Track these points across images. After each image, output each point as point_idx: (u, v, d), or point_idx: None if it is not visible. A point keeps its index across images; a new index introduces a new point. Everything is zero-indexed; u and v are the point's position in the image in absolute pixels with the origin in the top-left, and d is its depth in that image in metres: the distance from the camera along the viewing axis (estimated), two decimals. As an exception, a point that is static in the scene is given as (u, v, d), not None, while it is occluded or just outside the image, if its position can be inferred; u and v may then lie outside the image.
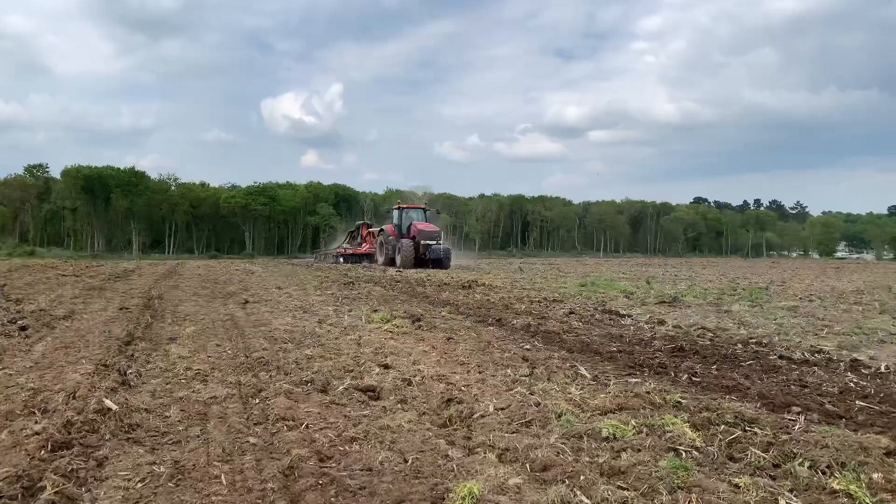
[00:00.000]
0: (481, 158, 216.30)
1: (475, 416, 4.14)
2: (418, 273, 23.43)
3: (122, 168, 78.65)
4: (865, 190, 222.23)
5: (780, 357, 6.72)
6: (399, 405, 4.45)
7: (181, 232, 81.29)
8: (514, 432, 3.79)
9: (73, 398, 4.14)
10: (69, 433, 3.47)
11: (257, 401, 4.43)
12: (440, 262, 27.79)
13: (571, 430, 3.80)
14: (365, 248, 33.72)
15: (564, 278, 21.25)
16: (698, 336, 8.39)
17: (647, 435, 3.71)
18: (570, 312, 10.47)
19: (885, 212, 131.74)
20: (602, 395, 4.65)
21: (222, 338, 7.15)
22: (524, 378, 5.29)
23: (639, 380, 5.42)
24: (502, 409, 4.30)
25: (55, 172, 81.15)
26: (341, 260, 33.13)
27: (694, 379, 5.62)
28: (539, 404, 4.33)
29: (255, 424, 3.90)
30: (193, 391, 4.70)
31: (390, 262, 28.77)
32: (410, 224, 29.80)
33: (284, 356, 5.99)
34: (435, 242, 28.03)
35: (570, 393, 4.75)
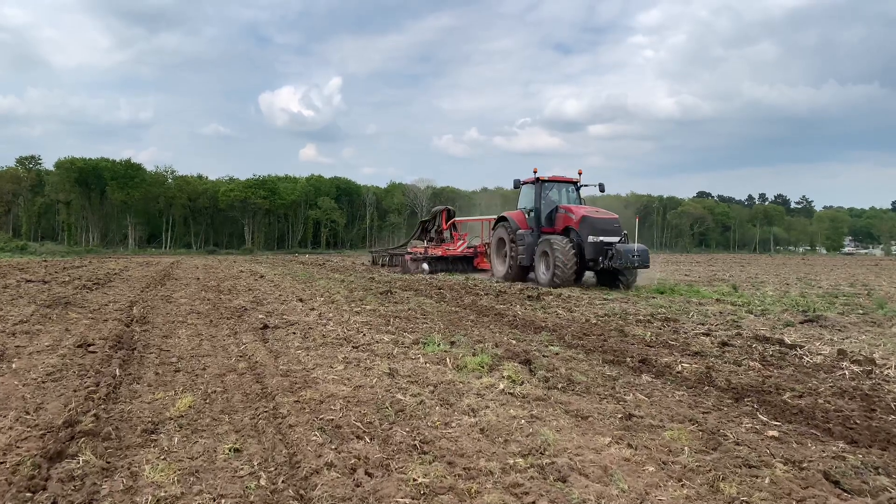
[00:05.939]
0: (480, 152, 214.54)
1: None
2: (451, 274, 19.45)
3: (117, 160, 75.15)
4: (865, 185, 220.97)
5: None
6: None
7: (179, 226, 78.07)
8: None
9: None
10: None
11: None
12: (620, 276, 15.60)
13: None
14: (461, 246, 22.08)
15: (624, 282, 18.16)
16: (973, 394, 5.38)
17: None
18: (723, 343, 7.41)
19: (889, 206, 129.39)
20: None
21: (241, 423, 4.04)
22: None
23: None
24: None
25: (51, 166, 77.75)
26: (425, 267, 20.62)
27: None
28: None
29: None
30: None
31: (522, 272, 17.48)
32: (555, 209, 17.33)
33: (375, 491, 2.92)
34: (619, 239, 15.80)
35: None
